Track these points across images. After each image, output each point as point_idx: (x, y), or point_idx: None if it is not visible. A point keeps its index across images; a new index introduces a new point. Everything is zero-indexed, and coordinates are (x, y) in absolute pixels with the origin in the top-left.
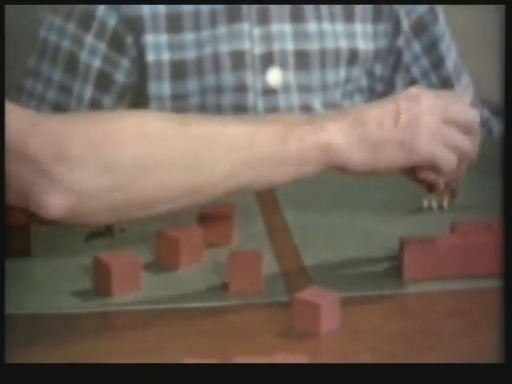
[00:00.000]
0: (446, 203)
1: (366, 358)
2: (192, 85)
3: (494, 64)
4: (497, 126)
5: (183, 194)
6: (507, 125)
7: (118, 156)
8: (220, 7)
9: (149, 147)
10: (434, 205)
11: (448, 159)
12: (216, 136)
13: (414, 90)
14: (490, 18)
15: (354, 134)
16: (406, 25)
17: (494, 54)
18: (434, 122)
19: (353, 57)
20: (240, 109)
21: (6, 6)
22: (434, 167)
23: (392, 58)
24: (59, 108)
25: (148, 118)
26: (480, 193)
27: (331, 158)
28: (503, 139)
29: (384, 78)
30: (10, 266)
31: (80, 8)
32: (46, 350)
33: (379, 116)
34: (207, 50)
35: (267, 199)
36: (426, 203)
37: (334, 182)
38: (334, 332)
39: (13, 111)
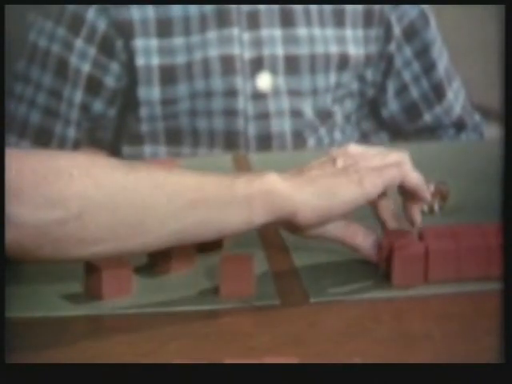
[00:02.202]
0: (436, 207)
1: (357, 361)
2: (182, 89)
3: (485, 67)
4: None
5: (127, 234)
6: (507, 126)
7: (64, 192)
8: (210, 12)
9: (96, 186)
10: (425, 208)
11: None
12: (163, 179)
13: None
14: (486, 18)
15: (297, 180)
16: (397, 30)
17: (487, 57)
18: (370, 162)
19: (343, 62)
20: (230, 113)
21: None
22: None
23: (383, 63)
24: (49, 112)
25: (98, 159)
26: (469, 196)
27: (279, 204)
28: (503, 139)
29: (375, 83)
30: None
31: (70, 12)
32: (36, 352)
33: (318, 165)
34: (197, 55)
35: None
36: None
37: None
38: (327, 336)
39: None
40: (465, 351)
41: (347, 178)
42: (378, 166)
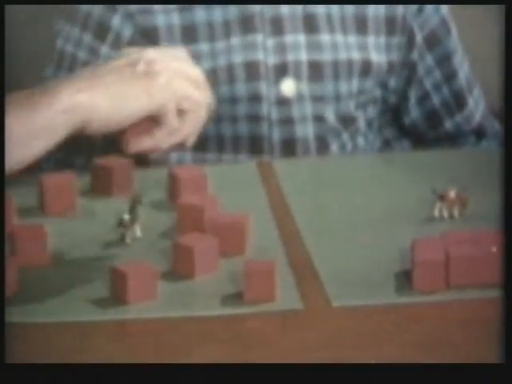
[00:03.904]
0: (456, 213)
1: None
2: None
3: (485, 67)
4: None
5: None
6: (507, 126)
7: None
8: (234, 18)
9: None
10: (445, 214)
11: (186, 103)
12: None
13: (132, 50)
14: (486, 18)
15: (91, 88)
16: (419, 38)
17: (487, 57)
18: (166, 67)
19: (366, 68)
20: (254, 119)
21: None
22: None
23: (406, 70)
24: None
25: None
26: (490, 202)
27: (77, 119)
28: (503, 139)
29: (397, 90)
30: (28, 275)
31: (95, 19)
32: (62, 357)
33: (117, 68)
34: (221, 61)
35: (279, 207)
36: (437, 212)
37: (348, 189)
38: (348, 340)
39: None
40: (485, 356)
41: (142, 87)
42: (174, 79)
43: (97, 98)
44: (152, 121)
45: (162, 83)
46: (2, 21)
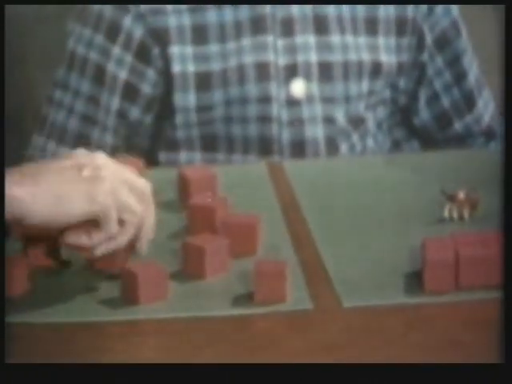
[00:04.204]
0: (466, 214)
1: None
2: (217, 96)
3: (485, 67)
4: None
5: None
6: (507, 126)
7: None
8: (244, 19)
9: None
10: (455, 215)
11: (128, 211)
12: None
13: (82, 152)
14: (486, 18)
15: (34, 186)
16: (429, 39)
17: (487, 57)
18: (112, 176)
19: (376, 69)
20: (264, 120)
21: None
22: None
23: (416, 71)
24: (87, 119)
25: None
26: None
27: (16, 210)
28: (503, 139)
29: (407, 91)
30: (41, 276)
31: (107, 19)
32: (74, 357)
33: (61, 169)
34: (232, 62)
35: (290, 208)
36: (447, 214)
37: (357, 190)
38: (359, 341)
39: None
40: (494, 356)
41: (85, 191)
42: (119, 189)
43: (37, 195)
44: (92, 223)
45: (105, 189)
46: (2, 21)
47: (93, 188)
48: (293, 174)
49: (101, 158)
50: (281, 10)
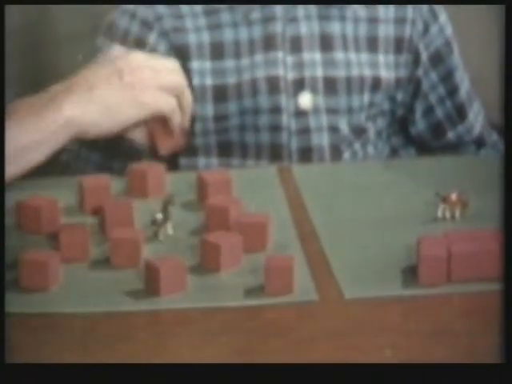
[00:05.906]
0: (458, 214)
1: (387, 353)
2: (232, 107)
3: (485, 67)
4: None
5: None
6: (507, 126)
7: None
8: (257, 37)
9: None
10: (448, 215)
11: (170, 104)
12: None
13: (119, 51)
14: (486, 18)
15: (86, 102)
16: (424, 57)
17: (487, 57)
18: (151, 75)
19: (376, 84)
20: (275, 129)
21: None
22: (161, 118)
23: (412, 86)
24: None
25: None
26: (488, 204)
27: (75, 130)
28: (503, 139)
29: (404, 104)
30: (70, 269)
31: (133, 35)
32: (100, 346)
33: (105, 78)
34: (246, 76)
35: (297, 208)
36: (440, 214)
37: (359, 192)
38: (360, 329)
39: None
40: (484, 343)
41: (131, 96)
42: (161, 81)
43: (92, 112)
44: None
45: (149, 92)
46: (2, 21)
47: (137, 94)
48: (300, 178)
49: (136, 59)
50: (290, 29)
